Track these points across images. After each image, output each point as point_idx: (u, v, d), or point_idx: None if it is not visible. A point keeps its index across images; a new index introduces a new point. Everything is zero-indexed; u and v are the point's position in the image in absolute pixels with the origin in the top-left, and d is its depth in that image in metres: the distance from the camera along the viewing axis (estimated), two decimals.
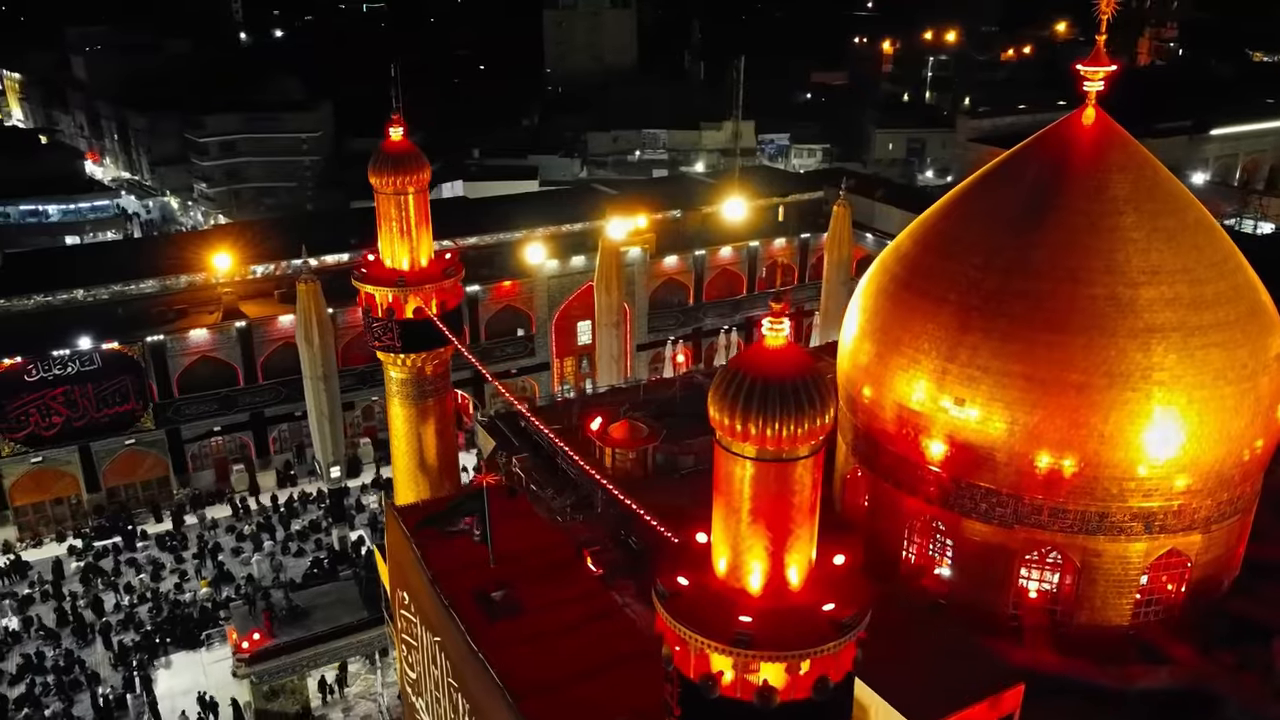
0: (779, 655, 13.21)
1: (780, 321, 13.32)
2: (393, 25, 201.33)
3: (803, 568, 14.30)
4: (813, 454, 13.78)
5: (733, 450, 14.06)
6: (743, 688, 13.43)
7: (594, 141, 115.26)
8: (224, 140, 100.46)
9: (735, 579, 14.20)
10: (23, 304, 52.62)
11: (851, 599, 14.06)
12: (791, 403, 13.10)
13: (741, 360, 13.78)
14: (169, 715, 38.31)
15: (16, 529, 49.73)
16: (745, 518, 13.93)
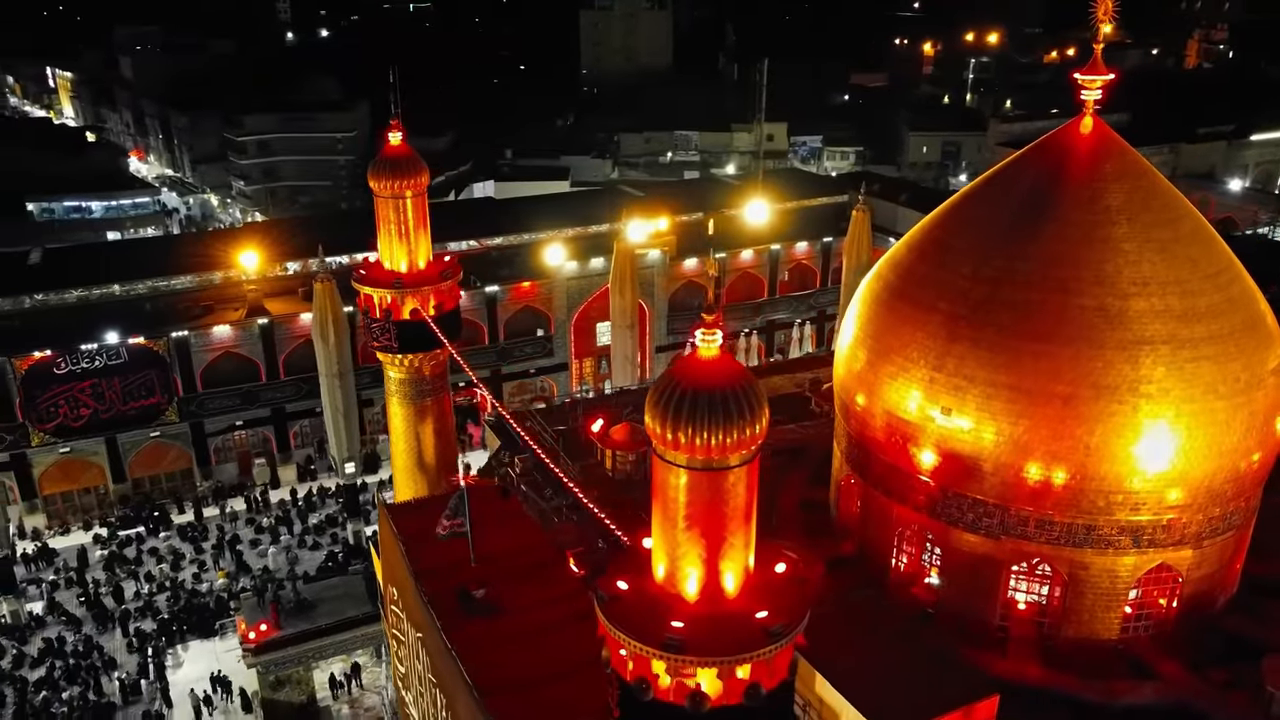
0: (708, 661, 13.41)
1: (712, 333, 13.51)
2: (437, 25, 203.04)
3: (738, 574, 14.48)
4: (745, 463, 13.95)
5: (667, 459, 14.27)
6: (676, 691, 13.63)
7: (626, 143, 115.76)
8: (261, 139, 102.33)
9: (672, 585, 14.41)
10: (57, 299, 54.35)
11: (786, 608, 14.20)
12: (721, 412, 13.29)
13: (675, 371, 13.99)
14: (181, 701, 39.28)
15: (46, 517, 51.22)
16: (681, 525, 14.14)
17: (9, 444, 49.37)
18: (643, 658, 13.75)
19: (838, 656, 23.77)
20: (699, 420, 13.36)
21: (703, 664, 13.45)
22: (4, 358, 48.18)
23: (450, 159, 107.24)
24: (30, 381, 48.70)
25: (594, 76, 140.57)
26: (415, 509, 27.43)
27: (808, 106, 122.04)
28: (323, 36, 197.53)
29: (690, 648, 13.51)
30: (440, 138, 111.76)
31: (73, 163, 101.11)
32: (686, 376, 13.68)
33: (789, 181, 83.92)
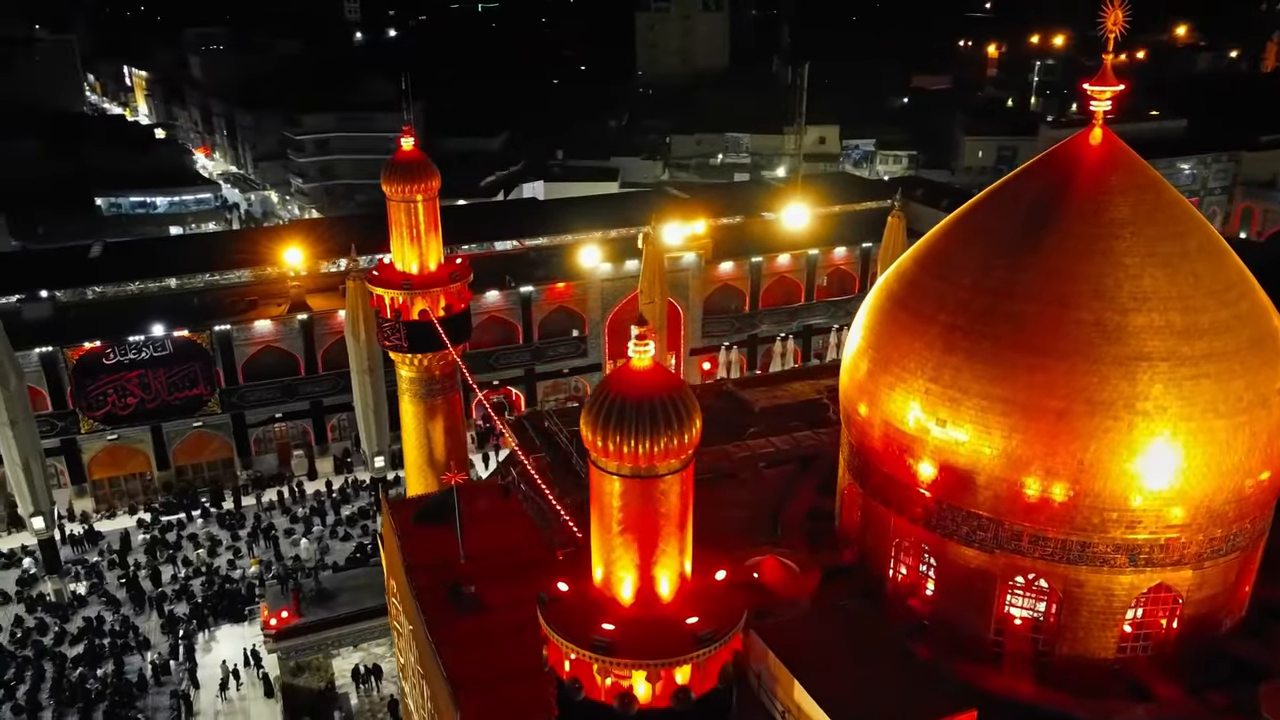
0: (634, 663, 13.72)
1: (645, 343, 13.81)
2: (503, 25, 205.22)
3: (673, 580, 14.75)
4: (677, 470, 14.22)
5: (601, 466, 14.60)
6: (606, 692, 13.97)
7: (677, 144, 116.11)
8: (319, 138, 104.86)
9: (608, 588, 14.75)
10: (112, 291, 56.66)
11: (718, 614, 14.44)
12: (650, 422, 13.58)
13: (609, 381, 14.32)
14: (208, 683, 40.70)
15: (94, 501, 53.36)
16: (615, 530, 14.47)
17: (60, 430, 51.55)
18: (576, 658, 14.11)
19: (818, 664, 23.89)
20: (629, 429, 13.68)
21: (629, 666, 13.77)
22: (57, 347, 50.23)
23: (502, 159, 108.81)
24: (81, 371, 50.79)
25: (649, 78, 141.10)
26: (416, 505, 28.09)
27: (865, 109, 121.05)
28: (390, 36, 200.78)
29: (618, 650, 13.84)
30: (493, 138, 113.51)
31: (140, 159, 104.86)
32: (619, 386, 14.01)
33: (835, 186, 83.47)
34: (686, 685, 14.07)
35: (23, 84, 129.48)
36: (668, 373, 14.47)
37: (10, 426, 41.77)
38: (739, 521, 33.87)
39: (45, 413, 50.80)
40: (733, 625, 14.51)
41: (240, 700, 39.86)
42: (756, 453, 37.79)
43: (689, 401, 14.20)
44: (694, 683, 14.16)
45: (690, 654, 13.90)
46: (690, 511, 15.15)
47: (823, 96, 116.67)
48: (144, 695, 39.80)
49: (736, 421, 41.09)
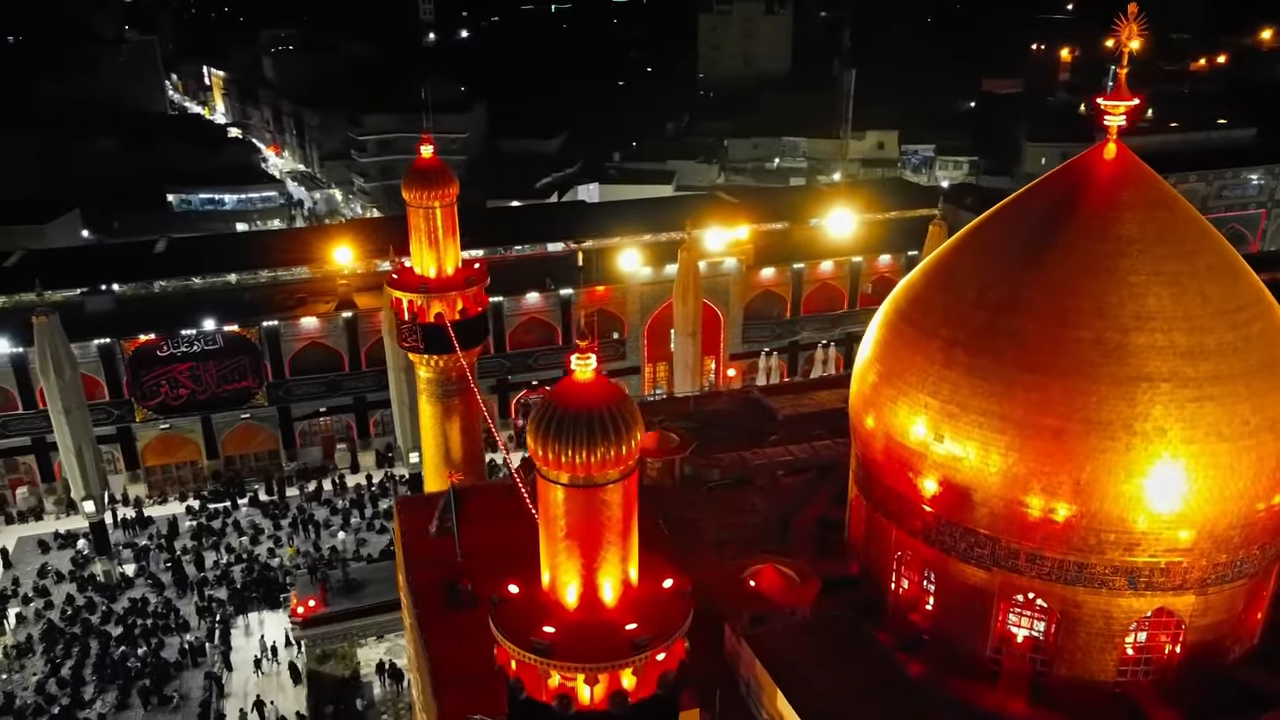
0: (567, 666, 14.17)
1: (587, 356, 14.25)
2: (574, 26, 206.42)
3: (616, 586, 15.15)
4: (618, 480, 14.62)
5: (546, 475, 15.06)
6: (546, 692, 14.46)
7: (734, 148, 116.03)
8: (381, 138, 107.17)
9: (554, 593, 15.22)
10: (172, 286, 59.06)
11: (659, 622, 14.80)
12: (586, 432, 14.01)
13: (553, 393, 14.78)
14: (241, 666, 42.24)
15: (146, 487, 55.62)
16: (559, 537, 14.93)
17: (116, 418, 53.87)
18: (519, 658, 14.62)
19: (803, 674, 24.07)
20: (569, 439, 14.13)
21: (563, 669, 14.23)
22: (114, 339, 52.50)
23: (559, 161, 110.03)
24: (136, 362, 53.02)
25: (710, 81, 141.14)
26: (426, 502, 28.88)
27: (929, 113, 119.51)
28: (462, 37, 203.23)
29: (555, 652, 14.30)
30: (552, 139, 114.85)
31: (211, 157, 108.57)
32: (561, 399, 14.47)
33: (888, 192, 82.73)
34: (623, 690, 14.47)
35: (107, 84, 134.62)
36: (610, 385, 14.89)
37: (65, 414, 43.87)
38: (750, 528, 34.11)
39: (102, 401, 53.14)
40: (671, 633, 14.84)
41: (270, 684, 41.25)
42: (774, 460, 37.88)
43: (630, 414, 14.60)
44: (632, 688, 14.55)
45: (624, 659, 14.28)
46: (634, 520, 15.54)
47: (886, 100, 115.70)
48: (179, 675, 41.44)
49: (758, 428, 41.22)
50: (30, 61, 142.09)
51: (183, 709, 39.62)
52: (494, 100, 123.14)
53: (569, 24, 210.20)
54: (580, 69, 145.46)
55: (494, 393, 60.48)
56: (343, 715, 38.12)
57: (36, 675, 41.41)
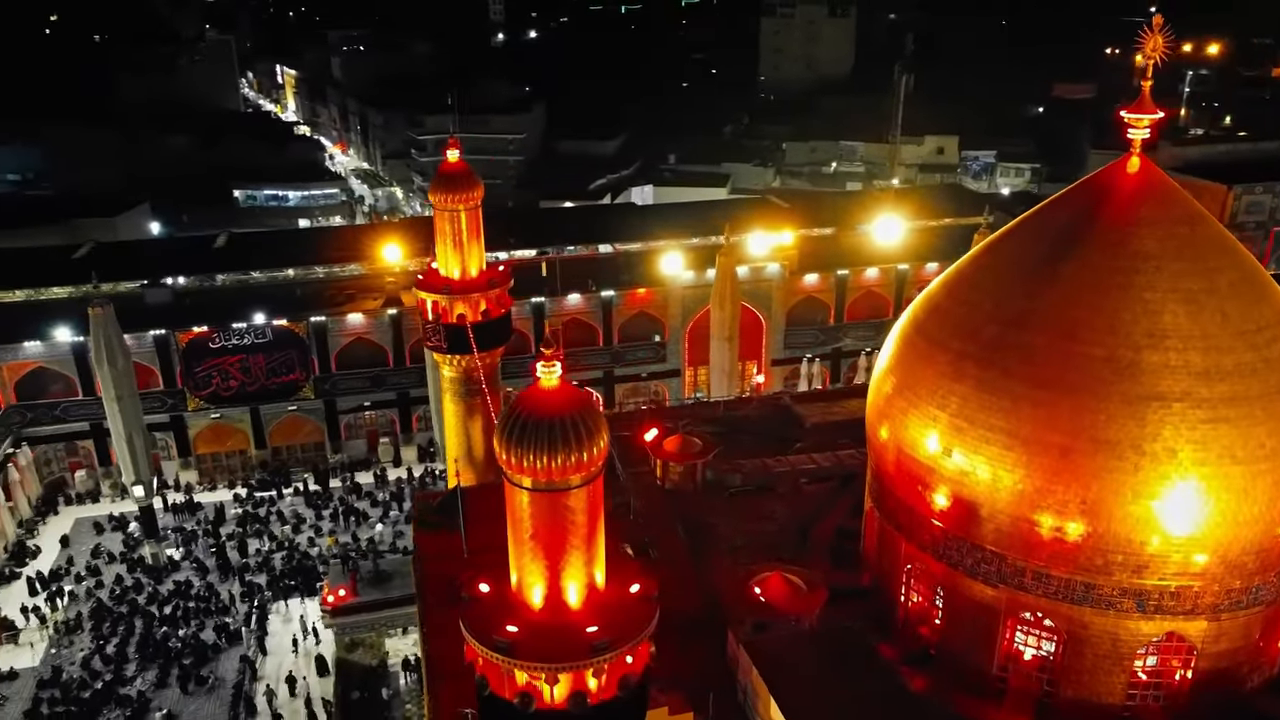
0: (526, 665, 14.53)
1: (552, 364, 14.58)
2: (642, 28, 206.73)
3: (581, 589, 15.46)
4: (582, 485, 14.91)
5: (511, 479, 15.43)
6: (509, 689, 14.85)
7: (791, 151, 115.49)
8: (439, 138, 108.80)
9: (521, 593, 15.59)
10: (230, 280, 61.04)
11: (621, 626, 15.07)
12: (549, 438, 14.34)
13: (518, 400, 15.14)
14: (275, 651, 43.53)
15: (196, 474, 57.55)
16: (525, 539, 15.29)
17: (169, 406, 55.86)
18: (484, 656, 15.03)
19: (798, 684, 24.14)
20: (532, 445, 14.49)
21: (524, 668, 14.59)
22: (169, 330, 54.44)
23: (615, 162, 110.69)
24: (189, 353, 54.91)
25: (771, 84, 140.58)
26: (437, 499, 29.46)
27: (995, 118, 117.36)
28: (530, 38, 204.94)
29: (515, 651, 14.67)
30: (609, 141, 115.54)
31: (277, 155, 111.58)
32: (526, 405, 14.83)
33: (943, 199, 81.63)
34: (583, 691, 14.78)
35: (183, 83, 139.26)
36: (576, 391, 15.21)
37: (117, 401, 45.68)
38: (768, 535, 34.14)
39: (157, 390, 55.18)
40: (632, 637, 15.10)
41: (303, 665, 42.47)
42: (796, 468, 37.82)
43: (593, 421, 14.89)
44: (588, 688, 14.85)
45: (583, 661, 14.59)
46: (598, 525, 15.82)
47: (948, 104, 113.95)
48: (216, 657, 42.87)
49: (785, 435, 41.18)
50: (114, 60, 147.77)
51: (217, 690, 41.00)
52: (554, 101, 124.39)
53: (637, 25, 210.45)
54: (644, 70, 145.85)
55: None
56: (368, 703, 39.07)
57: (83, 651, 43.21)
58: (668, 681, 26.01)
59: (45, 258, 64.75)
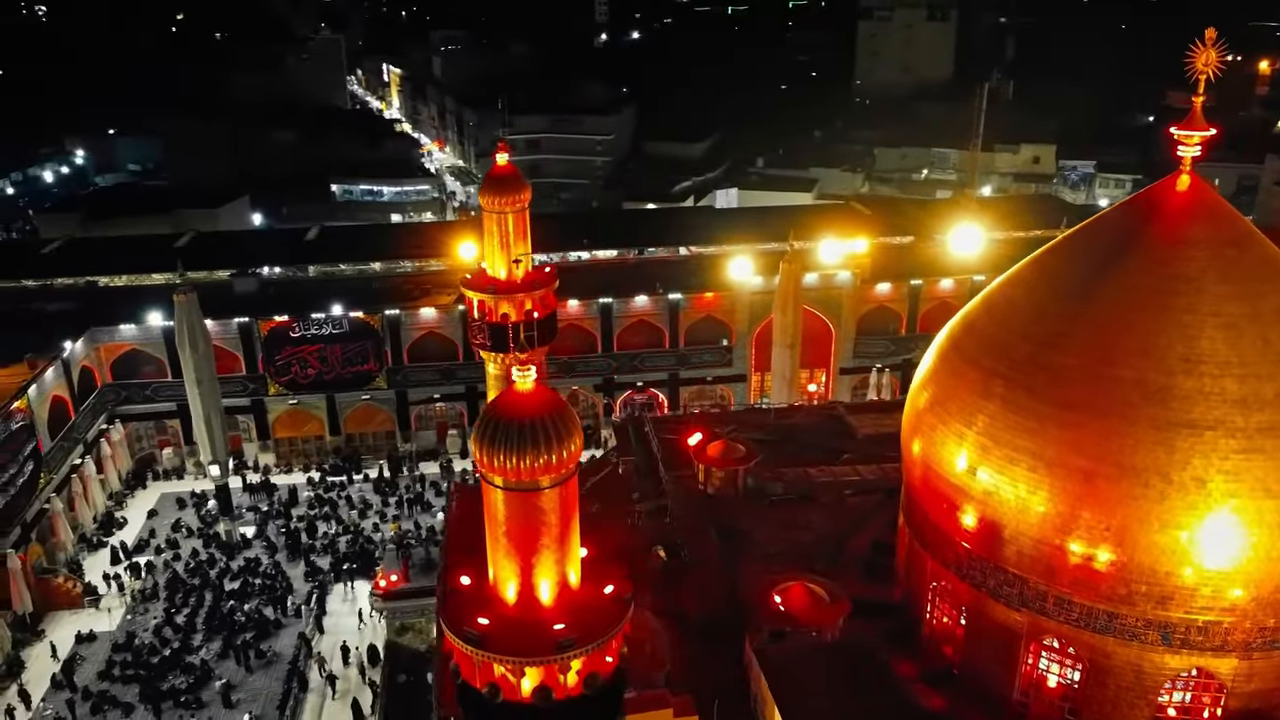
0: (494, 657, 15.04)
1: (527, 368, 15.04)
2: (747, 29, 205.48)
3: (553, 587, 15.89)
4: (553, 486, 15.33)
5: (488, 480, 15.95)
6: (479, 679, 15.40)
7: (882, 157, 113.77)
8: (530, 138, 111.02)
9: (497, 588, 16.12)
10: (318, 271, 63.54)
11: (588, 626, 15.45)
12: (517, 439, 14.80)
13: (494, 402, 15.64)
14: (332, 630, 45.26)
15: (274, 456, 60.07)
16: (500, 537, 15.80)
17: (251, 391, 58.48)
18: (456, 645, 15.64)
19: (803, 695, 24.14)
20: (507, 446, 14.98)
21: (492, 660, 15.10)
22: (252, 318, 57.02)
23: (702, 165, 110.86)
24: (270, 341, 57.39)
25: (867, 88, 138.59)
26: None
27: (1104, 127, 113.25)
28: (633, 39, 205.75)
29: (486, 644, 15.20)
30: (698, 144, 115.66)
31: (375, 150, 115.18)
32: (501, 408, 15.33)
33: (1034, 210, 79.51)
34: (548, 685, 15.21)
35: (292, 80, 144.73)
36: (551, 395, 15.62)
37: (197, 385, 48.16)
38: (804, 544, 34.05)
39: (240, 375, 57.85)
40: (598, 638, 15.46)
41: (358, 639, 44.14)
42: (839, 478, 37.61)
43: (566, 424, 15.29)
44: (558, 686, 15.28)
45: (546, 657, 15.03)
46: (572, 525, 16.20)
47: (1050, 112, 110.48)
48: (277, 633, 44.80)
49: (833, 446, 40.91)
50: (229, 58, 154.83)
51: (274, 664, 42.85)
52: (647, 103, 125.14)
53: (741, 27, 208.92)
54: (743, 72, 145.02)
55: (599, 391, 62.01)
56: (414, 686, 40.26)
57: (156, 619, 45.67)
58: (680, 683, 26.41)
59: (149, 245, 68.33)
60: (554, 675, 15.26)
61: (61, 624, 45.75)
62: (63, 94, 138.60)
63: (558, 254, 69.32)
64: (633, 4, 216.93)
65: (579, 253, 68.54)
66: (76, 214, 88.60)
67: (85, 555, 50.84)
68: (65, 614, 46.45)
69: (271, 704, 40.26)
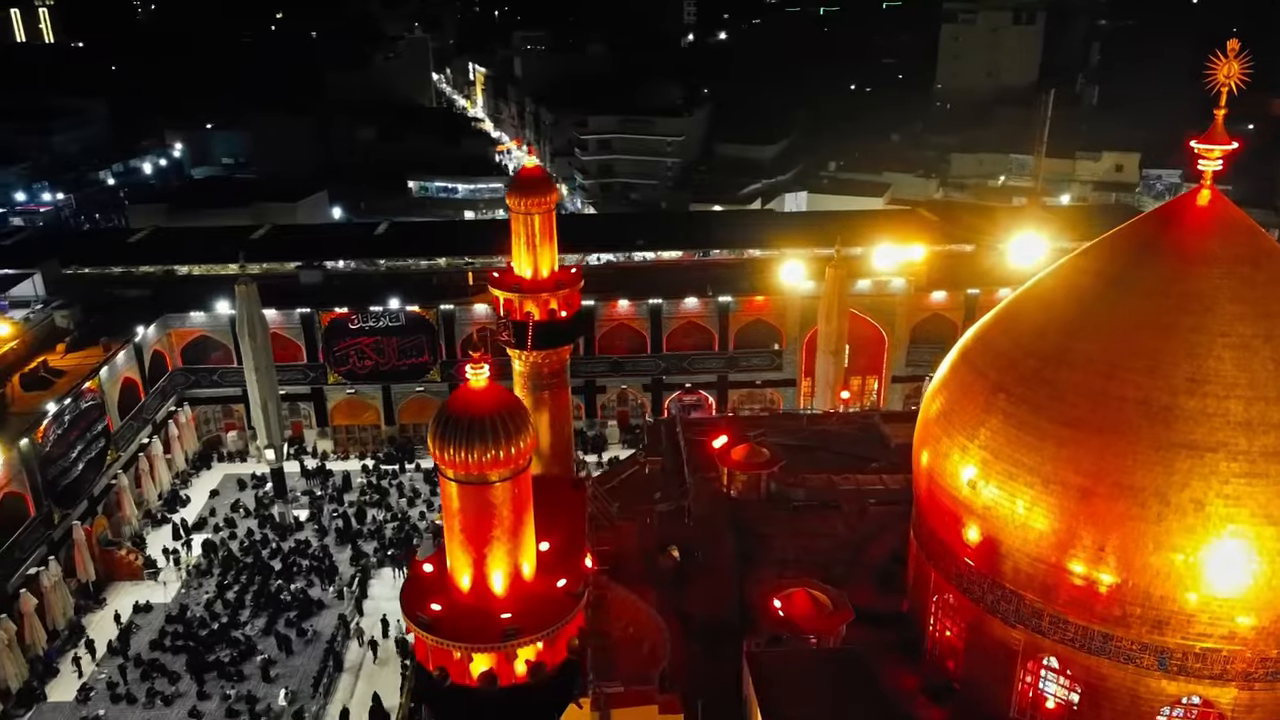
0: (443, 642, 15.68)
1: (480, 367, 15.61)
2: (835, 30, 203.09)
3: (506, 577, 16.44)
4: (504, 480, 15.88)
5: (442, 471, 16.58)
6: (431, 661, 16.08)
7: (958, 163, 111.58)
8: (602, 138, 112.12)
9: (453, 576, 16.75)
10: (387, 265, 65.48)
11: (535, 617, 15.98)
12: (468, 434, 15.38)
13: (450, 399, 16.25)
14: (371, 613, 46.70)
15: (332, 443, 62.13)
16: (456, 529, 16.42)
17: (311, 379, 60.58)
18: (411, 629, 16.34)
19: (788, 701, 24.23)
20: (453, 440, 15.60)
21: (439, 644, 15.74)
22: (313, 309, 59.11)
23: (771, 168, 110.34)
24: (330, 332, 59.38)
25: (947, 92, 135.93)
26: None
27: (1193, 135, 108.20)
28: (720, 39, 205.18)
29: (436, 628, 15.84)
30: (770, 146, 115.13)
31: (453, 149, 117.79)
32: (454, 404, 15.96)
33: (1111, 219, 76.87)
34: (494, 672, 15.77)
35: (380, 79, 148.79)
36: (504, 392, 16.18)
37: (255, 371, 50.18)
38: (821, 552, 34.05)
39: (301, 363, 60.00)
40: (543, 629, 15.96)
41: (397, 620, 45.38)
42: (863, 487, 37.39)
43: (517, 420, 15.82)
44: (501, 671, 15.84)
45: (489, 645, 15.60)
46: (525, 519, 16.72)
47: (1136, 119, 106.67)
48: (319, 614, 46.45)
49: (864, 454, 40.65)
50: (322, 55, 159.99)
51: (314, 643, 44.45)
52: (724, 104, 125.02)
53: (831, 28, 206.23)
54: (827, 74, 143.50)
55: (648, 391, 62.52)
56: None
57: (208, 594, 47.79)
58: (676, 682, 26.75)
59: (227, 237, 71.15)
60: (504, 663, 15.83)
61: (122, 594, 48.20)
62: (167, 90, 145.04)
63: (621, 254, 70.50)
64: (722, 4, 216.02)
65: (642, 253, 69.07)
66: (164, 205, 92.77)
67: (149, 530, 53.40)
68: (126, 585, 48.90)
69: (307, 681, 41.79)
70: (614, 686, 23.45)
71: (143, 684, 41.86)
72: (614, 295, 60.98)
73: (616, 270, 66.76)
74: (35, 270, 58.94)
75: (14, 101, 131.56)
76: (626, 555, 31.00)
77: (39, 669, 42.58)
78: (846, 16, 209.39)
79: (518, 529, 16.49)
